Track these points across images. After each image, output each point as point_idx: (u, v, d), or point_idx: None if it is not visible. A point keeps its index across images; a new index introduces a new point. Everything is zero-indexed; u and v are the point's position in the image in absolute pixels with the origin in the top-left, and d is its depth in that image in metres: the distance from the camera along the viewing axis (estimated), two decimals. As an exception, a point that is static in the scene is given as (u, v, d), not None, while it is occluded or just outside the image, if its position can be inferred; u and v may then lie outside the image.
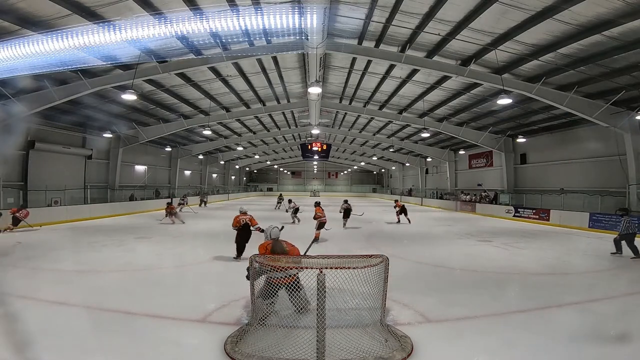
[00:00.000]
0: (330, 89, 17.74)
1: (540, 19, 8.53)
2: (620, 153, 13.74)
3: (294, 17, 7.91)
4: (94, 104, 14.90)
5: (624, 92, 11.57)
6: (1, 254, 7.67)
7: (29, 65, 7.94)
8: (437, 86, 14.79)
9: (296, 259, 3.92)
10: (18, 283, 5.50)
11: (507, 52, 10.61)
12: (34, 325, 3.85)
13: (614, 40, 8.93)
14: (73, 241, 9.69)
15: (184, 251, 8.70)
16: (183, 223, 14.39)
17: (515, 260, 7.84)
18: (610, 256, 8.16)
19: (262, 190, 52.90)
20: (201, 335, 3.79)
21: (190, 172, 33.10)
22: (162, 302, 4.71)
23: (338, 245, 9.72)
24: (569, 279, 6.37)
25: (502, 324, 4.18)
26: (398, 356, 3.25)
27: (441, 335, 3.85)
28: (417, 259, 7.83)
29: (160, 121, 20.11)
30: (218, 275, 6.35)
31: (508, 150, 21.38)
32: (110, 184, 20.92)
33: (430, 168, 34.70)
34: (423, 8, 9.14)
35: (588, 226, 13.30)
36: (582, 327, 4.07)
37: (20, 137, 14.94)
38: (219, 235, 11.46)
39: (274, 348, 3.28)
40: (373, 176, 56.17)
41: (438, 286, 5.73)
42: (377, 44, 11.51)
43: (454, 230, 13.37)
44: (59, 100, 12.58)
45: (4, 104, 12.01)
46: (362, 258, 3.56)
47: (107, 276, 6.15)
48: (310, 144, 31.09)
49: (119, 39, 7.50)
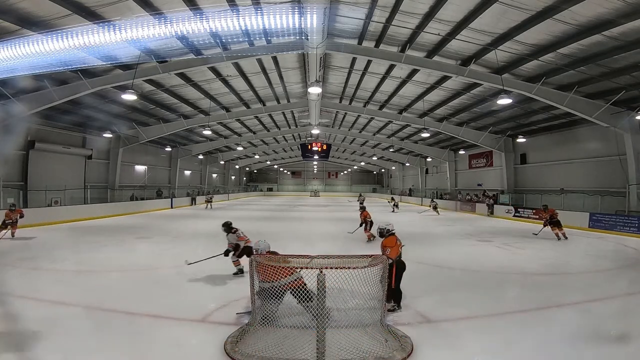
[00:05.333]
0: (330, 89, 17.73)
1: (540, 19, 8.52)
2: (620, 153, 13.73)
3: (294, 17, 7.90)
4: (94, 104, 14.88)
5: (624, 92, 11.55)
6: (2, 254, 7.67)
7: (29, 65, 7.95)
8: (437, 86, 14.78)
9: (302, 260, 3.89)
10: (18, 283, 5.50)
11: (507, 52, 10.61)
12: (34, 325, 3.85)
13: (614, 40, 8.92)
14: (73, 241, 9.69)
15: (183, 251, 8.68)
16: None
17: (515, 260, 7.84)
18: (611, 256, 8.15)
19: (262, 190, 52.89)
20: (201, 335, 3.79)
21: (190, 172, 33.10)
22: (162, 302, 4.71)
23: (338, 245, 9.72)
24: (569, 279, 6.38)
25: (502, 324, 4.18)
26: (398, 356, 3.25)
27: (441, 335, 3.85)
28: (417, 259, 7.81)
29: (160, 121, 20.10)
30: (218, 275, 6.34)
31: (508, 150, 21.38)
32: (110, 184, 20.91)
33: (430, 168, 34.69)
34: (423, 8, 9.14)
35: (588, 226, 13.30)
36: (582, 327, 4.07)
37: (20, 137, 14.93)
38: (219, 235, 11.46)
39: (274, 348, 3.28)
40: (373, 176, 56.16)
41: (438, 286, 5.74)
42: (377, 44, 11.50)
43: (454, 230, 13.37)
44: (59, 100, 12.57)
45: (4, 104, 12.01)
46: (362, 258, 3.56)
47: (107, 276, 6.15)
48: (310, 144, 31.06)
49: (119, 39, 7.50)
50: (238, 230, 6.37)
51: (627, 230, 11.82)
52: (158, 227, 13.34)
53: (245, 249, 6.15)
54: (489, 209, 19.74)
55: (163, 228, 13.21)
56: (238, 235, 6.28)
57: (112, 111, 16.54)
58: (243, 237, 6.34)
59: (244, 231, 6.55)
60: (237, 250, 6.22)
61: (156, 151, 26.35)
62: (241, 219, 17.27)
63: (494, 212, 19.43)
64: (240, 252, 6.22)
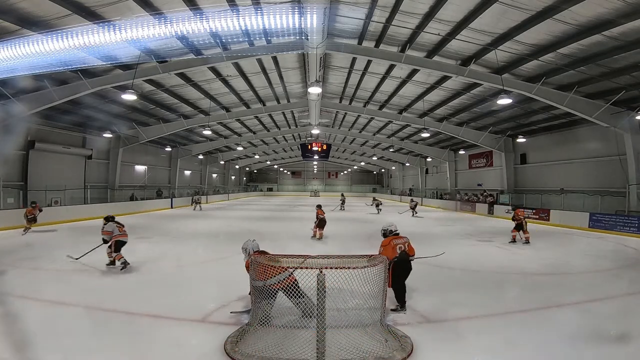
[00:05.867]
0: (330, 89, 17.74)
1: (540, 19, 8.52)
2: (620, 153, 13.73)
3: (294, 17, 7.91)
4: (94, 104, 14.89)
5: (624, 92, 11.56)
6: (2, 254, 7.67)
7: (29, 65, 7.96)
8: (437, 86, 14.78)
9: (295, 260, 3.91)
10: (18, 283, 5.50)
11: (507, 52, 10.61)
12: (34, 325, 3.85)
13: (614, 40, 8.92)
14: (73, 241, 9.68)
15: (183, 251, 8.69)
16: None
17: (515, 260, 7.84)
18: (611, 256, 8.14)
19: (262, 190, 52.89)
20: (201, 335, 3.79)
21: (190, 172, 33.10)
22: (162, 302, 4.71)
23: (338, 245, 9.72)
24: (569, 279, 6.37)
25: (502, 324, 4.18)
26: (398, 356, 3.25)
27: (441, 335, 3.85)
28: (416, 259, 7.81)
29: (160, 121, 20.10)
30: (218, 275, 6.35)
31: (508, 150, 21.38)
32: (110, 184, 20.92)
33: (430, 168, 34.69)
34: (423, 8, 9.14)
35: (588, 226, 13.31)
36: (582, 327, 4.07)
37: (20, 137, 14.93)
38: (219, 235, 11.48)
39: (274, 348, 3.28)
40: (373, 176, 56.17)
41: (438, 286, 5.74)
42: (377, 44, 11.50)
43: (454, 230, 13.37)
44: (59, 100, 12.57)
45: (4, 104, 12.01)
46: (362, 258, 3.56)
47: (107, 276, 6.15)
48: (310, 144, 31.07)
49: (119, 39, 7.51)
50: (120, 224, 6.88)
51: (627, 230, 11.82)
52: (158, 227, 13.34)
53: (118, 243, 6.62)
54: (490, 206, 19.74)
55: (163, 228, 13.21)
56: (114, 227, 6.69)
57: (112, 111, 16.55)
58: (121, 230, 6.77)
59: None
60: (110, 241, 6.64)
61: (156, 151, 26.35)
62: (241, 219, 17.30)
63: (493, 212, 19.43)
64: (113, 244, 6.61)
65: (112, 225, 6.66)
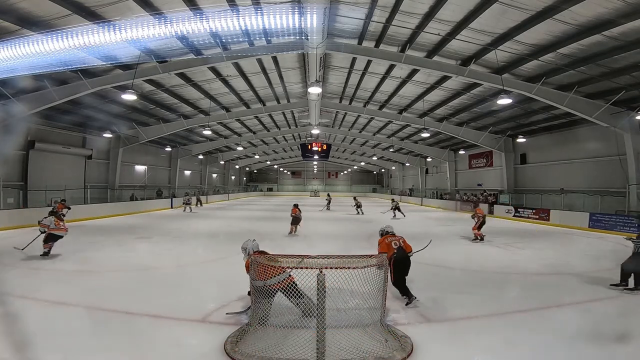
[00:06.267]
0: (330, 89, 17.74)
1: (540, 19, 8.52)
2: (620, 153, 13.73)
3: (294, 17, 7.91)
4: (94, 104, 14.88)
5: (624, 92, 11.56)
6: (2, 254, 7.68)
7: (29, 65, 7.95)
8: (437, 86, 14.78)
9: (295, 260, 3.91)
10: (18, 283, 5.50)
11: (507, 52, 10.61)
12: (34, 325, 3.85)
13: (614, 40, 8.93)
14: (73, 241, 9.68)
15: (183, 251, 8.69)
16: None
17: (515, 260, 7.84)
18: (611, 256, 8.14)
19: (262, 190, 52.88)
20: (201, 335, 3.79)
21: (190, 172, 33.10)
22: (162, 302, 4.71)
23: (338, 245, 9.72)
24: (569, 279, 6.37)
25: (502, 324, 4.18)
26: (398, 356, 3.25)
27: (441, 335, 3.85)
28: (417, 259, 7.78)
29: (160, 121, 20.10)
30: (218, 276, 6.35)
31: (508, 150, 21.38)
32: (110, 184, 20.91)
33: (430, 168, 34.69)
34: (423, 8, 9.14)
35: (588, 226, 13.31)
36: (582, 327, 4.07)
37: (20, 137, 14.93)
38: (219, 235, 11.48)
39: (274, 348, 3.28)
40: (373, 176, 56.16)
41: (438, 286, 5.73)
42: (377, 44, 11.50)
43: (454, 230, 13.36)
44: (59, 100, 12.57)
45: (4, 104, 12.01)
46: (362, 258, 3.56)
47: (107, 276, 6.15)
48: (310, 144, 31.07)
49: (119, 39, 7.51)
50: (60, 219, 7.58)
51: (627, 230, 11.80)
52: (158, 227, 13.34)
53: (50, 235, 7.24)
54: (490, 206, 19.75)
55: (163, 228, 13.21)
56: (52, 221, 7.25)
57: (112, 111, 16.54)
58: (58, 224, 7.36)
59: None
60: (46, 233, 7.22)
61: (156, 151, 26.35)
62: (241, 219, 17.29)
63: (493, 212, 19.43)
64: (47, 236, 7.22)
65: (50, 219, 7.27)
